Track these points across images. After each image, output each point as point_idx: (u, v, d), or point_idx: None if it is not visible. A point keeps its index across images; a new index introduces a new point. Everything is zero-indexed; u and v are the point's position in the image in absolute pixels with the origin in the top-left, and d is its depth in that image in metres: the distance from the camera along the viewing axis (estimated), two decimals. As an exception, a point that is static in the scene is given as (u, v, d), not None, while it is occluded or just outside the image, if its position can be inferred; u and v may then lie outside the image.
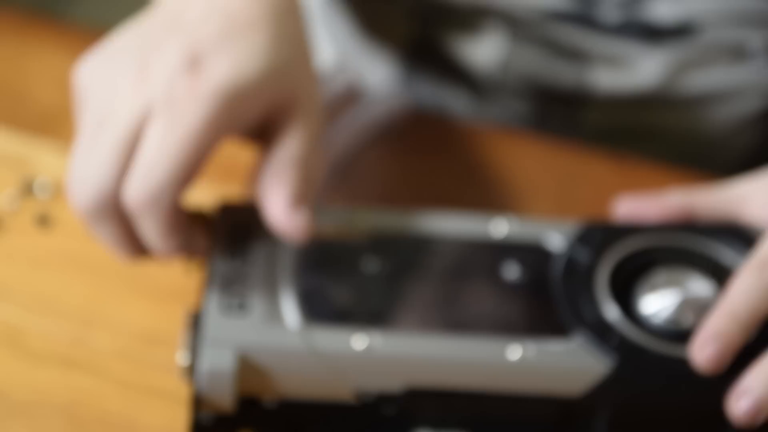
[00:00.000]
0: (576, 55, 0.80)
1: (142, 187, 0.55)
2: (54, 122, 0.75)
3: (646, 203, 0.63)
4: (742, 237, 0.61)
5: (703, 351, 0.56)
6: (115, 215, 0.56)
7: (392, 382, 0.55)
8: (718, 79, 0.80)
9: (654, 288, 0.59)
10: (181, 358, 0.55)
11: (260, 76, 0.57)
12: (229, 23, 0.58)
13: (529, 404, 0.57)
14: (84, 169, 0.56)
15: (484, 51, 0.81)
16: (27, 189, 0.71)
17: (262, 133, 0.59)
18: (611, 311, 0.58)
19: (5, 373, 0.62)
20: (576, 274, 0.59)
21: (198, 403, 0.54)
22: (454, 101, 0.84)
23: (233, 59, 0.56)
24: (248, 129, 0.58)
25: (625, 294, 0.59)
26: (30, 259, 0.67)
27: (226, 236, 0.59)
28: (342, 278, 0.60)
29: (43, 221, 0.69)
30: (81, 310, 0.65)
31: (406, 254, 0.61)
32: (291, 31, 0.60)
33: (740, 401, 0.55)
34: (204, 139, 0.55)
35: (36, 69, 0.79)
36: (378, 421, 0.57)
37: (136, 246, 0.58)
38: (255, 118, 0.58)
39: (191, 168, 0.55)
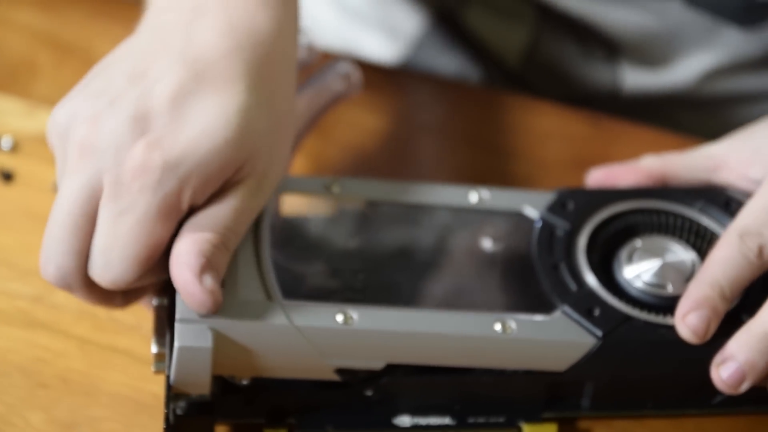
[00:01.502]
0: (606, 48, 0.77)
1: (103, 275, 0.51)
2: (22, 77, 0.74)
3: (619, 170, 0.62)
4: (717, 198, 0.60)
5: (687, 320, 0.55)
6: (84, 285, 0.52)
7: (373, 358, 0.54)
8: (750, 83, 0.78)
9: (633, 255, 0.58)
10: (153, 344, 0.53)
11: (221, 147, 0.50)
12: (197, 78, 0.51)
13: (511, 384, 0.56)
14: (46, 247, 0.51)
15: (508, 33, 0.78)
16: (-8, 145, 0.70)
17: None
18: (592, 282, 0.57)
19: (-36, 331, 0.61)
20: (554, 243, 0.58)
21: (173, 386, 0.51)
22: (471, 77, 0.82)
23: (191, 126, 0.50)
24: None
25: (604, 262, 0.58)
26: (-8, 217, 0.66)
27: None
28: (320, 254, 0.58)
29: (6, 178, 0.68)
30: (43, 267, 0.64)
31: (386, 227, 0.60)
32: (270, 89, 0.53)
33: (723, 368, 0.55)
34: (158, 223, 0.50)
35: (6, 23, 0.78)
36: (358, 407, 0.55)
37: (115, 301, 0.55)
38: (216, 187, 0.52)
39: (152, 250, 0.50)
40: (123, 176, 0.50)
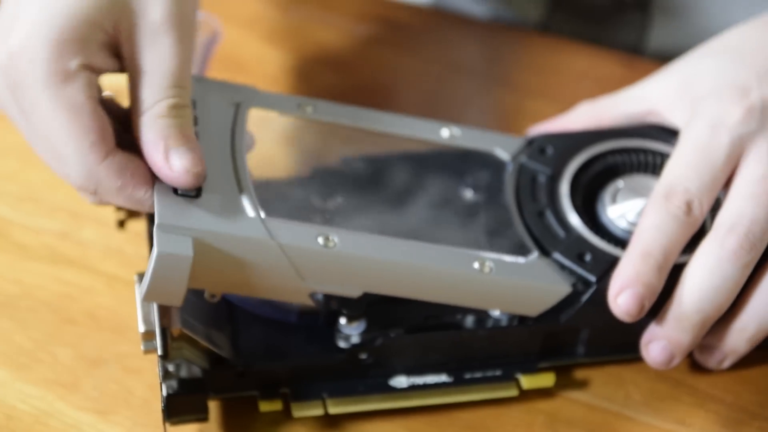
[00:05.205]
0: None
1: (68, 178, 0.51)
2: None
3: (556, 126, 0.61)
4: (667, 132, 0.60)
5: (618, 301, 0.53)
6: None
7: (351, 284, 0.53)
8: None
9: (617, 196, 0.58)
10: (140, 322, 0.52)
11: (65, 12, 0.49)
12: None
13: (507, 336, 0.56)
14: None
15: None
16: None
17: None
18: (578, 225, 0.57)
19: (-8, 266, 0.61)
20: (537, 189, 0.58)
21: (145, 296, 0.50)
22: (473, 6, 0.81)
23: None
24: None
25: (587, 205, 0.58)
26: (18, 153, 0.66)
27: None
28: (302, 175, 0.58)
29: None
30: (69, 203, 0.64)
31: (365, 158, 0.60)
32: None
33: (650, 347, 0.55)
34: (60, 100, 0.49)
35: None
36: (353, 372, 0.55)
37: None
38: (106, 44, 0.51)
39: (89, 126, 0.50)
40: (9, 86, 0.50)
